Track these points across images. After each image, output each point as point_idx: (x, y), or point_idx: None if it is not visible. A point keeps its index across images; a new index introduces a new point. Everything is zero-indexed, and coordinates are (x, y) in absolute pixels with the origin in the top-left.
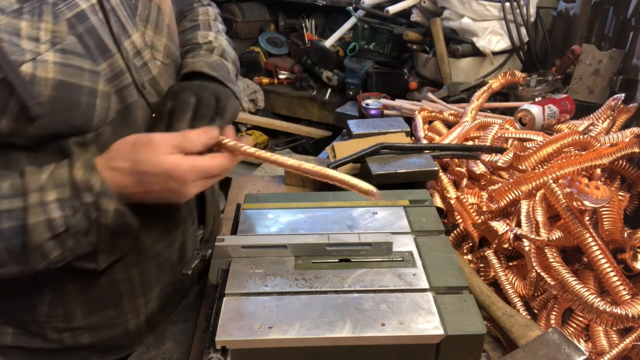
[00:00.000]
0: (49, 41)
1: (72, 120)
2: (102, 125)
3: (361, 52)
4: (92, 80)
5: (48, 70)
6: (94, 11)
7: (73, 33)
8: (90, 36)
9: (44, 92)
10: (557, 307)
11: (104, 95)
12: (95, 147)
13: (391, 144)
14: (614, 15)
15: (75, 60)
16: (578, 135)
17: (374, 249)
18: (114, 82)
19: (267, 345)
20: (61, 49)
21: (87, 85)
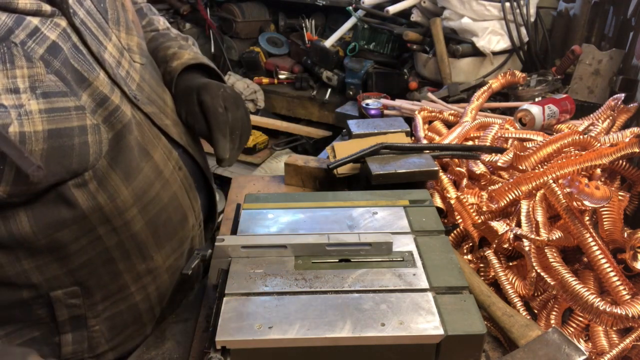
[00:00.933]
0: (28, 88)
1: (69, 165)
2: (98, 160)
3: (361, 52)
4: (80, 118)
5: (36, 123)
6: (66, 38)
7: (51, 71)
8: (67, 69)
9: (36, 147)
10: (557, 307)
11: (93, 128)
12: (96, 183)
13: (391, 144)
14: (614, 15)
15: (60, 101)
16: (578, 135)
17: (374, 249)
18: (99, 111)
19: (267, 345)
20: (43, 92)
21: (77, 124)
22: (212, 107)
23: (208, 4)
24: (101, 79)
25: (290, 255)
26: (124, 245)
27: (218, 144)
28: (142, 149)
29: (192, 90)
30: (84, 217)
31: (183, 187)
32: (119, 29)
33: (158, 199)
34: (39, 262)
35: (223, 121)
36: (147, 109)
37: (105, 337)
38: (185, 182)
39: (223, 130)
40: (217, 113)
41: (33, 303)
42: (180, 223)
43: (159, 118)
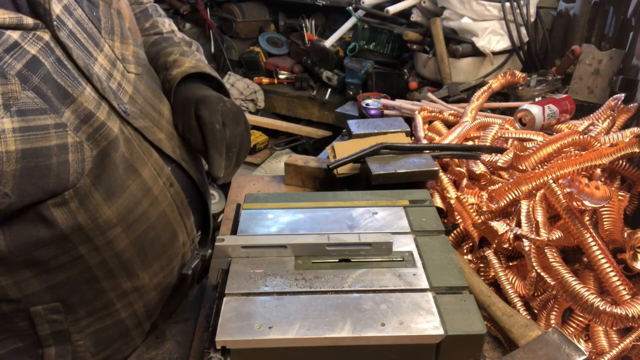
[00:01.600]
0: (1, 106)
1: (46, 186)
2: (80, 179)
3: (361, 52)
4: (60, 136)
5: (8, 143)
6: (49, 52)
7: (28, 87)
8: (48, 85)
9: (8, 168)
10: (557, 307)
11: (75, 146)
12: (77, 202)
13: (391, 144)
14: (614, 15)
15: (37, 119)
16: (578, 135)
17: (374, 249)
18: (83, 128)
19: (267, 345)
20: (18, 110)
21: (56, 143)
22: (210, 124)
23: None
24: (86, 95)
25: (290, 255)
26: (107, 264)
27: (213, 162)
28: (130, 166)
29: (190, 103)
30: (64, 237)
31: (174, 203)
32: (112, 39)
33: (145, 218)
34: (16, 278)
35: (220, 138)
36: (138, 124)
37: (91, 352)
38: (176, 198)
39: (219, 148)
40: (214, 130)
41: (13, 316)
42: (169, 241)
43: (151, 132)
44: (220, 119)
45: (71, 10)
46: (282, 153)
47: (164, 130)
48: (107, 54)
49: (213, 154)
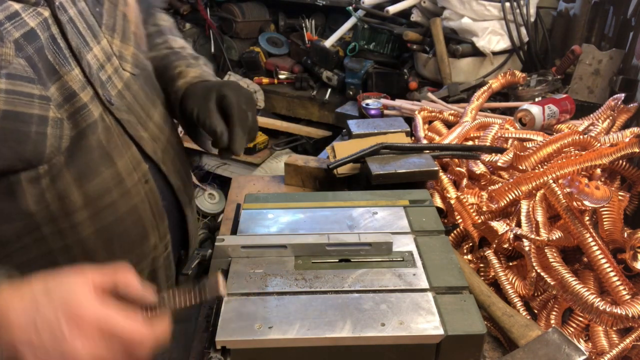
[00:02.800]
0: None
1: (22, 153)
2: (56, 155)
3: (361, 52)
4: (42, 108)
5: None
6: (45, 27)
7: (22, 55)
8: (40, 58)
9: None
10: (557, 307)
11: (55, 122)
12: (49, 180)
13: (391, 144)
14: (614, 15)
15: (24, 86)
16: (578, 135)
17: (374, 249)
18: (65, 107)
19: (267, 345)
20: (8, 74)
21: (37, 113)
22: (236, 104)
23: (208, 4)
24: (73, 75)
25: (290, 255)
26: (70, 250)
27: (237, 138)
28: (106, 153)
29: (211, 88)
30: (29, 214)
31: (147, 201)
32: (112, 35)
33: (114, 208)
34: None
35: (244, 118)
36: (121, 116)
37: None
38: (150, 197)
39: (244, 127)
40: (240, 109)
41: None
42: (139, 239)
43: (134, 128)
44: (244, 100)
45: (75, 1)
46: (282, 153)
47: (149, 131)
48: (104, 47)
49: (238, 131)
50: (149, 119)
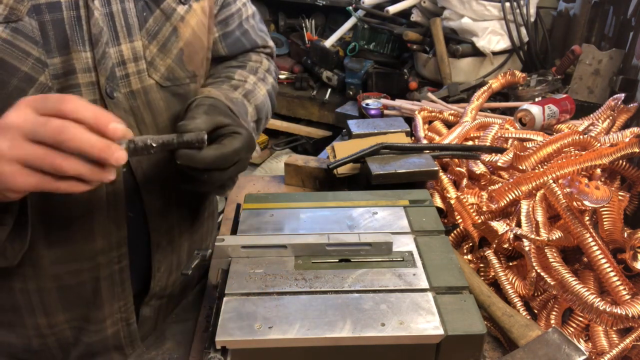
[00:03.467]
0: (2, 15)
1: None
2: None
3: (361, 52)
4: (34, 69)
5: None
6: (74, 6)
7: (36, 18)
8: (54, 27)
9: None
10: (557, 307)
11: (42, 87)
12: None
13: (391, 144)
14: (614, 15)
15: (25, 43)
16: (578, 135)
17: (374, 249)
18: (61, 80)
19: (267, 345)
20: (14, 27)
21: (26, 70)
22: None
23: None
24: (82, 56)
25: (290, 255)
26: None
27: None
28: None
29: (222, 111)
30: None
31: (104, 200)
32: (150, 42)
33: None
34: None
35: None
36: (116, 112)
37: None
38: (111, 199)
39: (230, 166)
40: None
41: None
42: (82, 234)
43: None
44: (234, 159)
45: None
46: (282, 153)
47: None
48: (136, 48)
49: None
50: (155, 128)
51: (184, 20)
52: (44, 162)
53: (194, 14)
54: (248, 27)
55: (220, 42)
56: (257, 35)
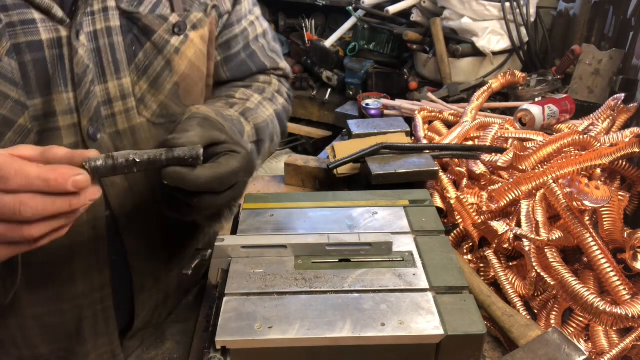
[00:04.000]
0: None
1: None
2: None
3: (361, 52)
4: (13, 112)
5: None
6: (56, 45)
7: (17, 59)
8: (35, 67)
9: None
10: (557, 307)
11: (21, 130)
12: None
13: (391, 144)
14: (614, 15)
15: (3, 85)
16: (578, 135)
17: (374, 249)
18: (41, 122)
19: (267, 345)
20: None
21: (4, 114)
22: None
23: None
24: (63, 97)
25: (290, 255)
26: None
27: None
28: None
29: (217, 126)
30: None
31: (86, 246)
32: (139, 77)
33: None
34: None
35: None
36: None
37: None
38: (94, 244)
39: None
40: (234, 172)
41: None
42: (62, 276)
43: None
44: (246, 169)
45: (112, 33)
46: (282, 153)
47: (130, 181)
48: (123, 85)
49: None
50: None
51: (179, 52)
52: (7, 238)
53: (191, 44)
54: (256, 48)
55: (222, 67)
56: (266, 56)
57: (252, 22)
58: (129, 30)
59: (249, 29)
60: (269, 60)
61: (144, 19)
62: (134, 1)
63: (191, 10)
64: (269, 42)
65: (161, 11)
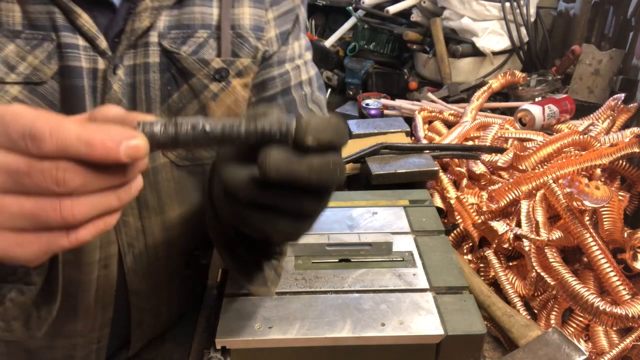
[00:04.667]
0: (23, 75)
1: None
2: None
3: (361, 52)
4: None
5: (1, 103)
6: (92, 76)
7: (60, 81)
8: (74, 94)
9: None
10: (557, 307)
11: None
12: None
13: (391, 144)
14: (614, 15)
15: (41, 107)
16: (578, 135)
17: (374, 249)
18: None
19: (267, 345)
20: (33, 89)
21: None
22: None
23: None
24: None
25: (290, 255)
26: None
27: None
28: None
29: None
30: None
31: (95, 285)
32: (169, 118)
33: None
34: None
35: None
36: None
37: None
38: (102, 283)
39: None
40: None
41: None
42: (63, 309)
43: (123, 212)
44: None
45: (149, 70)
46: None
47: (143, 220)
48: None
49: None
50: (159, 210)
51: (216, 98)
52: (40, 220)
53: (231, 92)
54: (296, 96)
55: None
56: (304, 107)
57: (297, 67)
58: (167, 68)
59: (292, 73)
60: (306, 112)
61: (184, 60)
62: (178, 39)
63: (239, 55)
64: (313, 91)
65: (204, 54)
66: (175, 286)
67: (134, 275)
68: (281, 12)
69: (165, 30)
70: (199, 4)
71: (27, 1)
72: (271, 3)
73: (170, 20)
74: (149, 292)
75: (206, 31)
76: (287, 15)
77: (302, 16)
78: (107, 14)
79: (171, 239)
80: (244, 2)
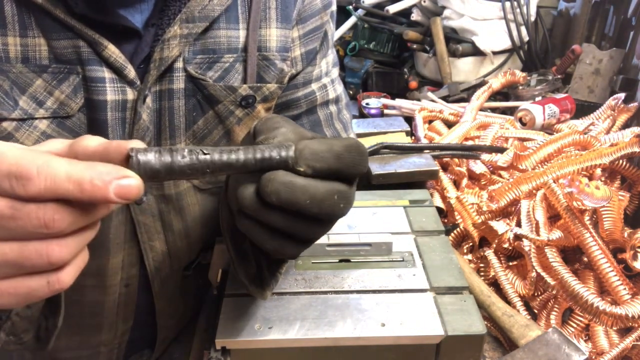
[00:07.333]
0: (51, 109)
1: None
2: None
3: (361, 51)
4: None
5: (31, 138)
6: (120, 107)
7: (87, 113)
8: (98, 126)
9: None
10: (557, 307)
11: None
12: None
13: (391, 143)
14: (614, 15)
15: (68, 137)
16: (578, 135)
17: (373, 249)
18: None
19: (267, 345)
20: (61, 123)
21: None
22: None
23: None
24: None
25: None
26: None
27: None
28: (102, 243)
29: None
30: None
31: (117, 302)
32: (194, 144)
33: (80, 291)
34: None
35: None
36: (138, 218)
37: None
38: (124, 299)
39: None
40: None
41: None
42: (90, 329)
43: (148, 233)
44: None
45: (174, 96)
46: None
47: (169, 245)
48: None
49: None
50: (184, 234)
51: (241, 123)
52: (24, 266)
53: (255, 116)
54: (321, 116)
55: None
56: (329, 126)
57: (324, 85)
58: (193, 94)
59: (318, 93)
60: (331, 132)
61: (211, 87)
62: (203, 64)
63: (265, 79)
64: (339, 110)
65: (231, 80)
66: (191, 297)
67: (161, 298)
68: (307, 30)
69: (190, 55)
70: (224, 27)
71: (53, 36)
72: (297, 21)
73: (195, 45)
74: (173, 312)
75: (232, 55)
76: (314, 33)
77: (331, 32)
78: (133, 41)
79: (195, 260)
80: (272, 22)
